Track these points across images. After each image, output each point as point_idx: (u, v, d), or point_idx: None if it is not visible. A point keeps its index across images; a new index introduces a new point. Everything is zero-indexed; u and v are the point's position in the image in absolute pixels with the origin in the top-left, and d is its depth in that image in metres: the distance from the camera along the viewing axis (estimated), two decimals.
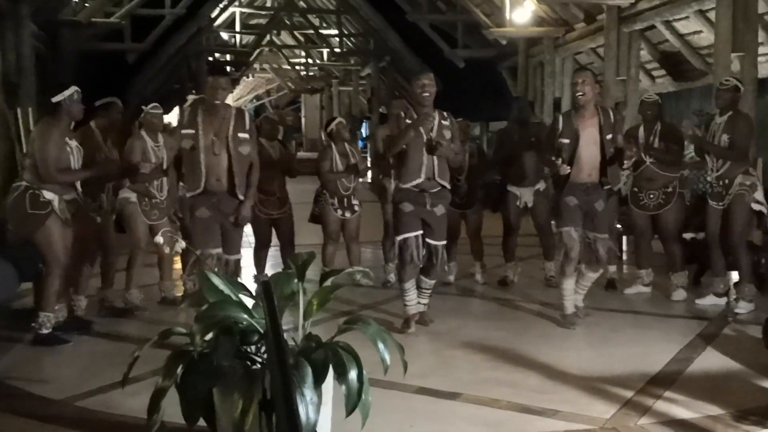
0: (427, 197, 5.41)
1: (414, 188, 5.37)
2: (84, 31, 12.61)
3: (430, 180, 5.37)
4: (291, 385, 2.04)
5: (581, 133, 5.47)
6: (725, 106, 5.97)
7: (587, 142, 5.48)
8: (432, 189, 5.40)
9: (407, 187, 5.37)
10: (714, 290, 6.24)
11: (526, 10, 12.60)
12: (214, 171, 5.17)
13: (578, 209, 5.55)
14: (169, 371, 3.15)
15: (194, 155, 5.16)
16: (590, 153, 5.49)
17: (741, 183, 5.90)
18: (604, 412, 3.94)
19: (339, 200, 6.90)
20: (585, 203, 5.55)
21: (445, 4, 17.59)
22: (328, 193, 6.91)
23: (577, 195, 5.53)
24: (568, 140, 5.47)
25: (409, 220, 5.40)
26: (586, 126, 5.50)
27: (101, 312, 6.02)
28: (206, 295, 3.33)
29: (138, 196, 6.14)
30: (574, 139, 5.46)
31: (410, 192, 5.38)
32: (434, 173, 5.36)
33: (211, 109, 5.22)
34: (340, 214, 6.91)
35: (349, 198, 6.94)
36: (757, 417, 3.80)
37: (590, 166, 5.51)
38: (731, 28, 7.79)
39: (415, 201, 5.40)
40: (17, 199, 5.15)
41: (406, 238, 5.38)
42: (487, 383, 4.41)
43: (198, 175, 5.17)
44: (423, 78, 5.45)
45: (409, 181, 5.36)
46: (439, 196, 5.45)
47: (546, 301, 6.43)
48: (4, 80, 9.01)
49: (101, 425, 3.86)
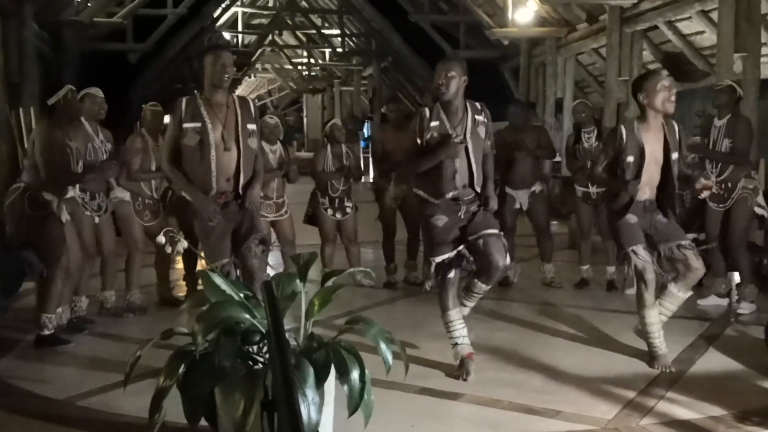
0: (461, 206, 4.55)
1: (446, 199, 4.54)
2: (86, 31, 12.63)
3: (465, 188, 4.56)
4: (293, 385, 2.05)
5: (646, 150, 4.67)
6: (723, 108, 5.97)
7: (651, 160, 4.69)
8: (467, 197, 4.57)
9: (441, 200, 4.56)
10: (716, 291, 6.24)
11: (529, 10, 12.60)
12: (224, 170, 4.44)
13: (639, 227, 4.74)
14: (170, 371, 3.15)
15: (203, 152, 4.39)
16: (654, 171, 4.72)
17: (744, 186, 5.91)
18: (606, 412, 3.93)
19: (330, 201, 6.92)
20: (648, 220, 4.76)
21: (447, 4, 17.60)
22: (319, 193, 6.93)
23: (637, 212, 4.72)
24: (632, 158, 4.66)
25: (443, 236, 4.55)
26: (651, 140, 4.69)
27: (101, 313, 6.02)
28: (208, 295, 3.33)
29: (131, 195, 6.04)
30: (641, 157, 4.65)
31: (443, 204, 4.55)
32: (471, 180, 4.56)
33: (213, 98, 4.47)
34: (331, 215, 6.93)
35: (341, 199, 6.95)
36: (759, 418, 3.80)
37: (651, 184, 4.75)
38: (734, 28, 7.78)
39: (450, 211, 4.55)
40: (16, 200, 5.14)
41: (443, 260, 4.56)
42: (488, 384, 4.40)
43: (208, 175, 4.41)
44: (440, 69, 4.52)
45: (444, 194, 4.52)
46: (472, 201, 4.60)
47: (547, 301, 6.44)
48: (6, 80, 9.02)
49: (103, 425, 3.86)
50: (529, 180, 7.01)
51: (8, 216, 5.24)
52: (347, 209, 6.99)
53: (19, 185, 5.19)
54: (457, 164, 4.50)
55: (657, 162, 4.70)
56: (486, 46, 16.15)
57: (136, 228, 6.09)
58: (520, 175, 6.98)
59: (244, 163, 4.47)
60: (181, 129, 4.43)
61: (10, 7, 9.19)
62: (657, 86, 4.60)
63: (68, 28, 12.11)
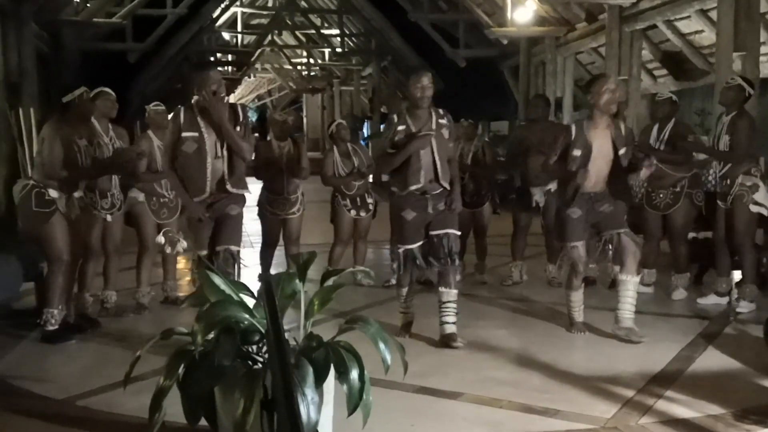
0: (429, 200, 5.14)
1: (415, 191, 5.12)
2: (86, 31, 12.65)
3: (431, 182, 5.13)
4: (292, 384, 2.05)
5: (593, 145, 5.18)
6: (730, 105, 5.95)
7: (598, 155, 5.19)
8: (434, 191, 5.15)
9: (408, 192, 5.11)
10: (716, 289, 6.24)
11: (528, 9, 12.61)
12: (217, 174, 4.89)
13: (582, 221, 5.26)
14: (170, 371, 3.16)
15: (200, 159, 4.82)
16: (600, 165, 5.22)
17: (741, 183, 5.90)
18: (606, 411, 3.94)
19: (351, 200, 6.96)
20: (589, 212, 5.28)
21: (446, 3, 17.60)
22: (339, 195, 6.97)
23: (581, 205, 5.24)
24: (580, 152, 5.16)
25: (412, 227, 5.14)
26: (598, 137, 5.20)
27: (102, 312, 6.03)
28: (208, 294, 3.34)
29: (146, 195, 6.15)
30: (588, 151, 5.16)
31: (411, 196, 5.12)
32: (437, 175, 5.12)
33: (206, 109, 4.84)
34: (354, 214, 6.98)
35: (362, 197, 6.99)
36: (759, 416, 3.80)
37: (598, 178, 5.25)
38: (733, 27, 7.79)
39: (417, 206, 5.14)
40: (24, 197, 5.27)
41: (408, 249, 5.17)
42: (488, 383, 4.41)
43: (203, 180, 4.85)
44: (423, 78, 5.09)
45: (409, 186, 5.09)
46: (440, 197, 5.18)
47: (548, 300, 6.43)
48: (6, 80, 9.03)
49: (103, 425, 3.87)
50: (544, 177, 6.94)
51: (19, 212, 5.39)
52: (369, 206, 7.03)
53: (27, 182, 5.32)
54: (423, 160, 5.06)
55: (604, 156, 5.19)
56: (485, 45, 16.16)
57: (149, 227, 6.17)
58: (536, 171, 6.92)
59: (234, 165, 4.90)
60: (180, 137, 4.85)
61: (10, 7, 9.20)
62: (602, 89, 5.12)
63: (68, 28, 12.12)
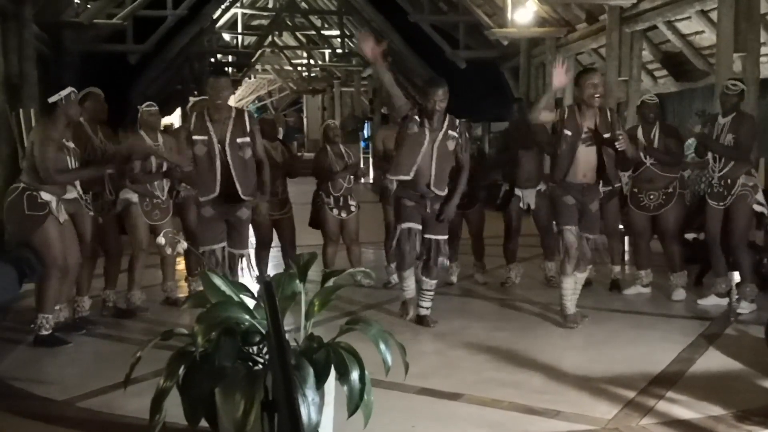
0: (427, 202, 5.58)
1: (414, 192, 5.53)
2: (86, 33, 12.62)
3: (427, 187, 5.50)
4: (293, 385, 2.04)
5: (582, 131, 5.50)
6: (729, 109, 5.97)
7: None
8: (429, 196, 5.56)
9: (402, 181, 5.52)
10: (716, 290, 6.24)
11: (528, 10, 12.60)
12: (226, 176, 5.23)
13: (575, 208, 5.59)
14: (171, 372, 3.15)
15: (210, 161, 5.21)
16: (588, 153, 5.51)
17: (743, 184, 5.91)
18: (606, 412, 3.94)
19: (335, 200, 6.97)
20: (580, 203, 5.59)
21: (446, 4, 17.58)
22: (323, 193, 6.96)
23: (574, 194, 5.56)
24: (570, 133, 5.47)
25: (410, 212, 5.55)
26: (587, 125, 5.53)
27: (103, 313, 6.02)
28: (208, 295, 3.34)
29: (139, 196, 6.08)
30: (576, 133, 5.48)
31: (411, 194, 5.53)
32: (430, 182, 5.48)
33: (216, 113, 5.25)
34: (336, 214, 6.98)
35: (345, 198, 7.00)
36: (760, 417, 3.80)
37: (587, 167, 5.54)
38: (733, 28, 7.77)
39: (416, 201, 5.57)
40: (15, 200, 5.15)
41: (408, 228, 5.53)
42: (489, 384, 4.41)
43: (213, 181, 5.22)
44: (439, 90, 5.43)
45: (397, 174, 5.53)
46: (437, 200, 5.61)
47: (548, 301, 6.42)
48: (6, 82, 9.02)
49: (103, 426, 3.87)
50: (534, 178, 7.00)
51: (7, 216, 5.25)
52: (351, 208, 7.04)
53: (18, 185, 5.20)
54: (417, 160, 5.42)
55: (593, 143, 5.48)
56: (485, 46, 16.14)
57: (141, 229, 6.10)
58: (526, 173, 6.96)
59: (235, 172, 5.21)
60: (191, 140, 5.26)
61: (10, 9, 9.19)
62: (586, 83, 5.45)
63: (68, 30, 12.10)
